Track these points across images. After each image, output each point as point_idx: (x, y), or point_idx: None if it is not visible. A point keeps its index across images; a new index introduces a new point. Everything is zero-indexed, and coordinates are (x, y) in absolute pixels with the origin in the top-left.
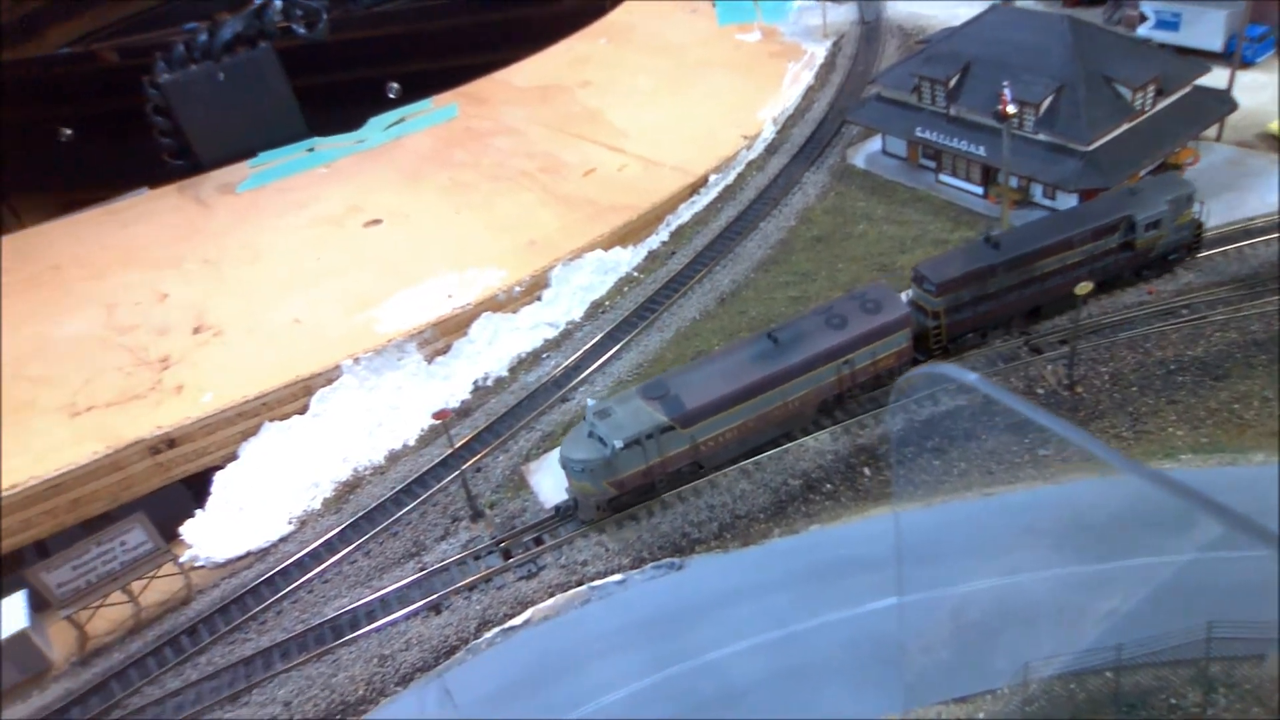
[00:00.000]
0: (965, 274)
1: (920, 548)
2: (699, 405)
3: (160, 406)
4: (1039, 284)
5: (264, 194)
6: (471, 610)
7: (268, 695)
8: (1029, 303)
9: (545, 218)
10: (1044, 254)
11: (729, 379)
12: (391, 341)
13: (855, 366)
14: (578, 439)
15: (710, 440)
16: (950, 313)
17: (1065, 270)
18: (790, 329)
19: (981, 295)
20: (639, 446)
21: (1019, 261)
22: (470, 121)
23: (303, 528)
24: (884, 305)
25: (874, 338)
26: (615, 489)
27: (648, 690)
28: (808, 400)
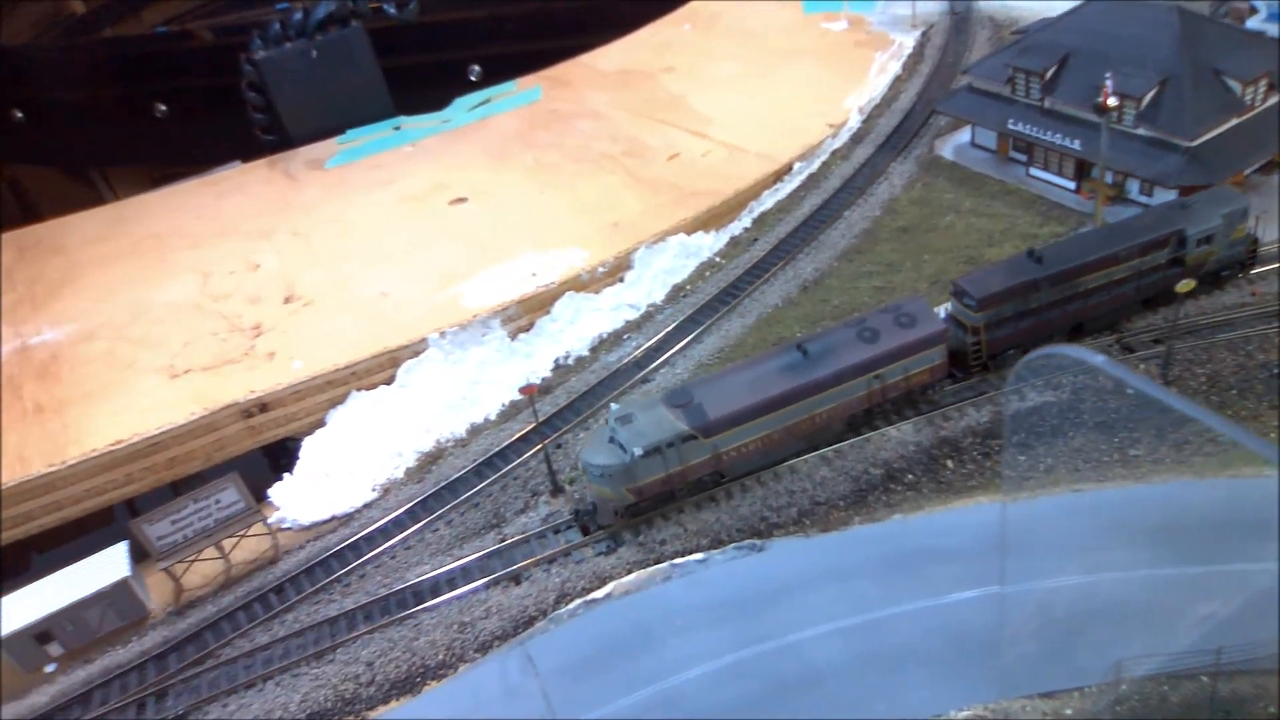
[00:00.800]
0: (1007, 289)
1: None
2: (722, 415)
3: (253, 372)
4: (1083, 300)
5: (352, 170)
6: (550, 582)
7: (351, 655)
8: (1072, 319)
9: (628, 200)
10: (1089, 269)
11: (755, 390)
12: (477, 317)
13: (886, 381)
14: (598, 443)
15: (733, 451)
16: (991, 329)
17: (1111, 286)
18: (820, 341)
19: (1023, 311)
20: (659, 455)
21: (1063, 277)
22: (554, 104)
23: (386, 495)
24: (919, 320)
25: (907, 353)
26: (634, 495)
27: (728, 668)
28: (835, 414)
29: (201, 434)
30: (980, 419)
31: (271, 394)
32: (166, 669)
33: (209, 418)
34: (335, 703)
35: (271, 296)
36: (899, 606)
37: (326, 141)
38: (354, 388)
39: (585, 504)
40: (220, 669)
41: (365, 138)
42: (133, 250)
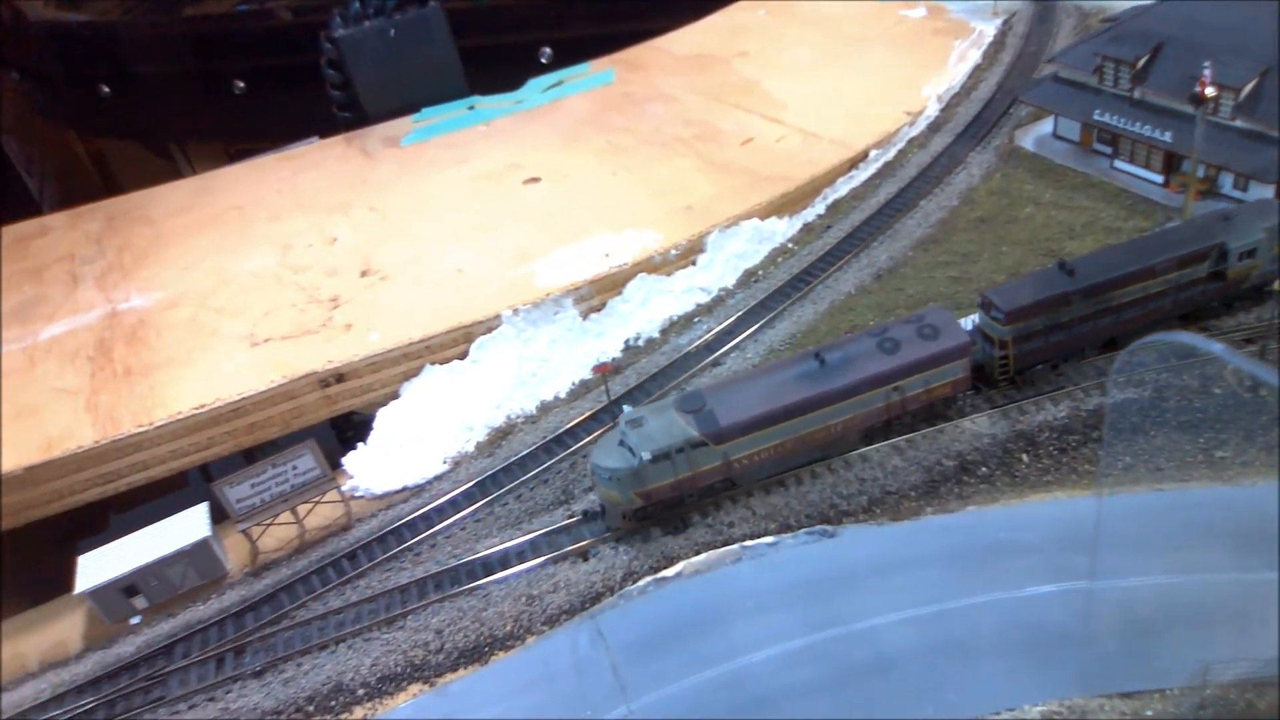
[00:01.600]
0: (1036, 302)
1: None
2: (734, 423)
3: (330, 343)
4: (1116, 314)
5: (427, 148)
6: (618, 560)
7: (421, 622)
8: (1105, 333)
9: (701, 184)
10: (1124, 282)
11: (769, 398)
12: (549, 296)
13: (906, 394)
14: (608, 446)
15: (744, 459)
16: (1019, 342)
17: (1146, 300)
18: (839, 350)
19: (1053, 325)
20: (668, 460)
21: (1096, 290)
22: (627, 87)
23: (456, 468)
24: (942, 332)
25: (928, 365)
26: (642, 500)
27: (799, 651)
28: (852, 425)
29: (280, 401)
30: (1057, 414)
31: (348, 365)
32: (244, 627)
33: (287, 386)
34: (405, 668)
35: (348, 270)
36: (972, 598)
37: (402, 119)
38: (428, 361)
39: (593, 507)
40: (295, 629)
41: (440, 116)
42: (215, 221)
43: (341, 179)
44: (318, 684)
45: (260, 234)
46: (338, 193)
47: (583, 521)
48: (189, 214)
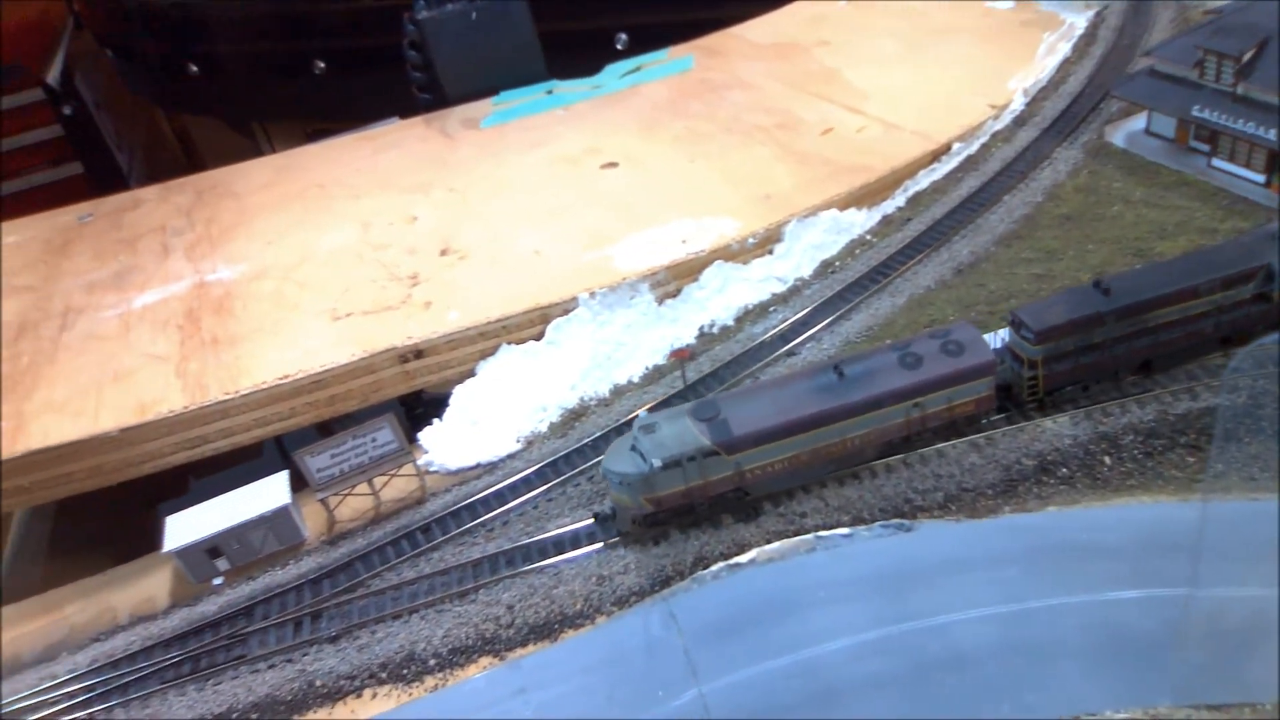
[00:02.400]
0: (1068, 322)
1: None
2: (747, 433)
3: (410, 320)
4: (1153, 336)
5: (506, 131)
6: (689, 545)
7: (493, 597)
8: (1141, 355)
9: (780, 173)
10: (1162, 303)
11: (784, 409)
12: (626, 280)
13: (926, 410)
14: (620, 451)
15: (757, 469)
16: (1049, 363)
17: (1186, 322)
18: (859, 364)
19: (1086, 345)
20: (679, 468)
21: (1132, 311)
22: (706, 74)
23: (529, 447)
24: (967, 348)
25: (951, 382)
26: (652, 506)
27: (872, 643)
28: (869, 439)
29: (361, 375)
30: (1144, 417)
31: (427, 341)
32: (320, 593)
33: (368, 360)
34: (476, 640)
35: (428, 248)
36: (1052, 599)
37: (481, 101)
38: (504, 341)
39: (605, 510)
40: (369, 598)
41: (519, 100)
42: (299, 197)
43: (421, 159)
44: (391, 651)
45: (342, 211)
46: (418, 173)
47: (595, 523)
48: (273, 190)
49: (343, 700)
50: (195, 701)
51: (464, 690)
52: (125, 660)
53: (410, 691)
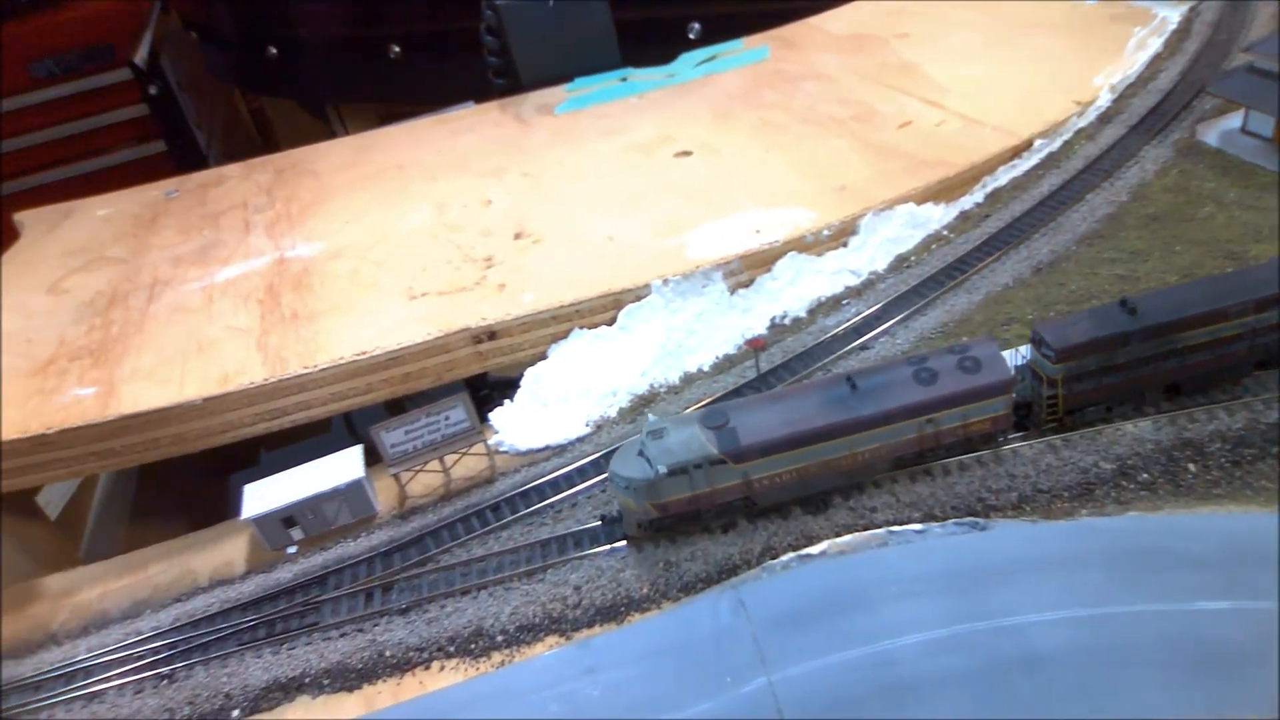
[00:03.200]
0: (1091, 340)
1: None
2: (755, 443)
3: (484, 301)
4: (1181, 357)
5: (580, 117)
6: (757, 535)
7: (560, 577)
8: (1168, 377)
9: (856, 165)
10: (1191, 324)
11: (794, 420)
12: (699, 268)
13: (940, 427)
14: (628, 455)
15: (765, 479)
16: (1069, 382)
17: (1217, 345)
18: (872, 377)
19: (1109, 365)
20: (685, 475)
21: (1159, 331)
22: (781, 64)
23: (598, 431)
24: (984, 366)
25: (966, 400)
26: (658, 511)
27: (945, 639)
28: (880, 454)
29: (435, 354)
30: (1232, 424)
31: (501, 323)
32: (391, 565)
33: (442, 339)
34: (543, 619)
35: (502, 231)
36: (1134, 605)
37: (555, 88)
38: (577, 325)
39: (613, 512)
40: (439, 573)
41: (594, 87)
42: (376, 178)
43: (496, 144)
44: (459, 626)
45: (418, 193)
46: (492, 157)
47: (602, 525)
48: (351, 170)
49: (411, 671)
50: (270, 664)
51: (533, 667)
52: (205, 621)
53: (477, 666)
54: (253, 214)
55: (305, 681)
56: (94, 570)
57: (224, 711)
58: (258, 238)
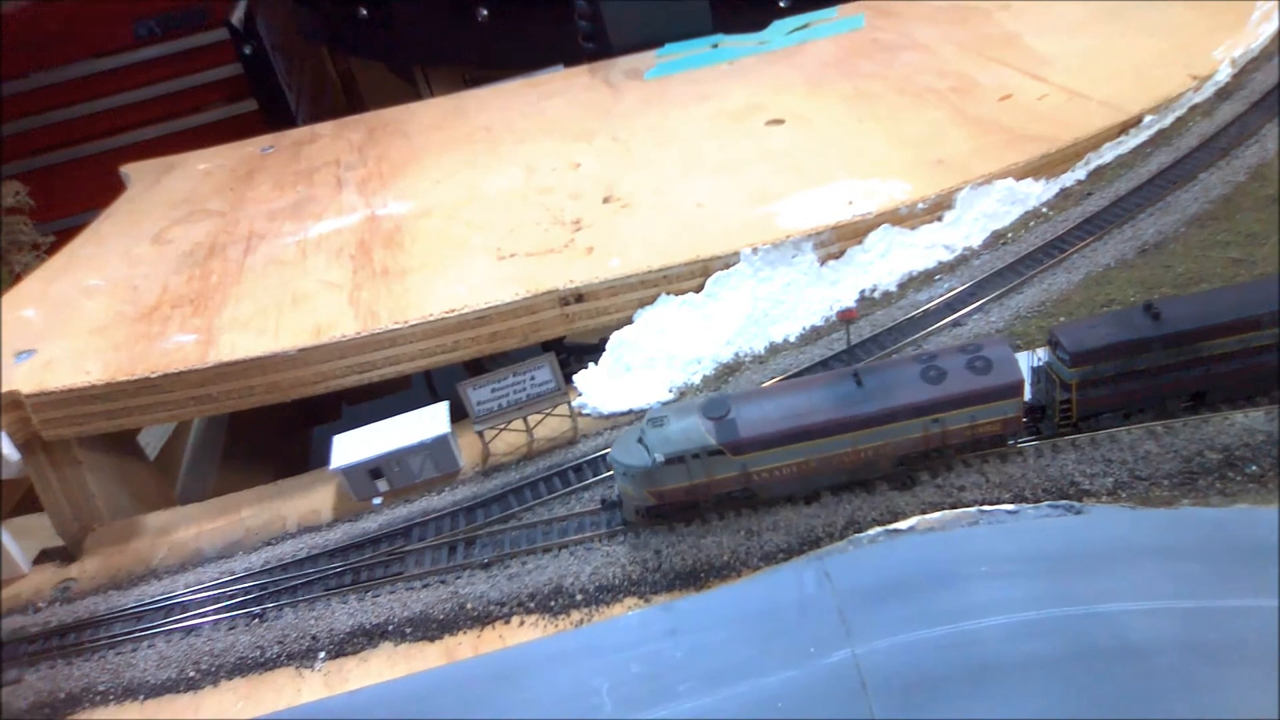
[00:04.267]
0: (1109, 345)
1: None
2: (754, 436)
3: (572, 264)
4: (1206, 366)
5: (670, 83)
6: (841, 509)
7: (641, 540)
8: (1191, 386)
9: (954, 138)
10: (1218, 333)
11: (795, 414)
12: (789, 238)
13: (947, 427)
14: (628, 441)
15: (764, 472)
16: (1084, 387)
17: (1245, 354)
18: (879, 374)
19: (1127, 371)
20: (682, 464)
21: (1183, 339)
22: (877, 34)
23: (681, 398)
24: (995, 367)
25: (974, 401)
26: (655, 499)
27: (1034, 623)
28: (884, 451)
29: (522, 315)
30: None
31: (588, 286)
32: (474, 521)
33: (530, 300)
34: (622, 581)
35: (591, 195)
36: (1238, 600)
37: (645, 54)
38: (664, 291)
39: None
40: (521, 530)
41: (684, 53)
42: (466, 140)
43: (585, 108)
44: (540, 583)
45: (507, 155)
46: (582, 121)
47: (602, 509)
48: (441, 131)
49: (491, 625)
50: (355, 610)
51: (615, 626)
52: (294, 565)
53: (557, 623)
54: (345, 171)
55: (389, 629)
56: (190, 511)
57: (311, 653)
58: (350, 195)
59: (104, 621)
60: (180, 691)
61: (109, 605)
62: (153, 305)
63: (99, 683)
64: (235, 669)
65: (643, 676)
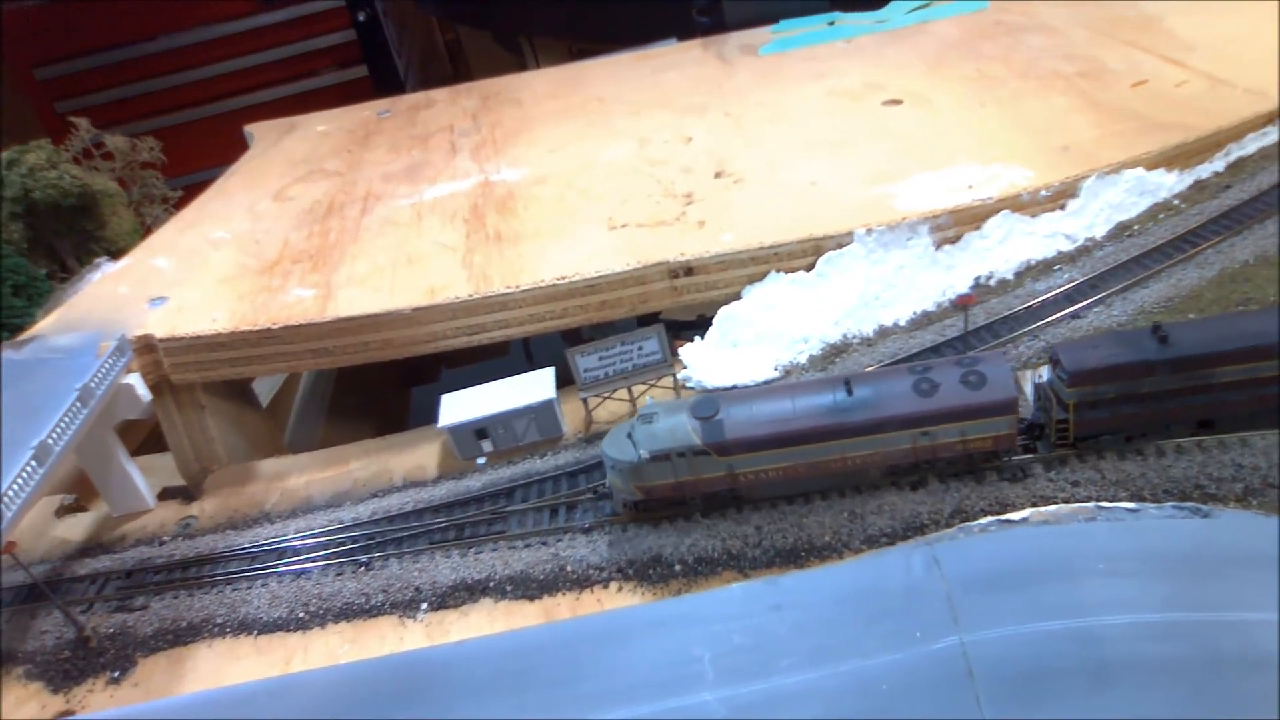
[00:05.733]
0: (1110, 366)
1: None
2: (740, 438)
3: (683, 237)
4: (1213, 394)
5: (784, 60)
6: (949, 497)
7: (742, 516)
8: (1197, 413)
9: (1080, 125)
10: (1225, 360)
11: (784, 419)
12: (905, 220)
13: (937, 440)
14: (618, 436)
15: (750, 474)
16: (1083, 409)
17: (1254, 384)
18: (870, 383)
19: (1129, 394)
20: (667, 461)
21: (1189, 364)
22: (1001, 15)
23: (786, 376)
24: (990, 382)
25: (965, 416)
26: (642, 493)
27: (1157, 625)
28: (872, 461)
29: (631, 285)
30: None
31: (698, 260)
32: (576, 485)
33: (640, 271)
34: (721, 554)
35: (703, 169)
36: None
37: (759, 29)
38: (774, 268)
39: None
40: None
41: (800, 30)
42: (579, 109)
43: (698, 82)
44: (639, 551)
45: (620, 127)
46: (694, 95)
47: (594, 499)
48: (554, 101)
49: (590, 589)
50: (458, 565)
51: (718, 597)
52: (399, 518)
53: (654, 592)
54: (459, 137)
55: (489, 585)
56: (301, 460)
57: (414, 603)
58: (463, 160)
59: (222, 559)
60: (290, 630)
61: (226, 544)
62: (274, 259)
63: (217, 615)
64: (341, 613)
65: (745, 648)
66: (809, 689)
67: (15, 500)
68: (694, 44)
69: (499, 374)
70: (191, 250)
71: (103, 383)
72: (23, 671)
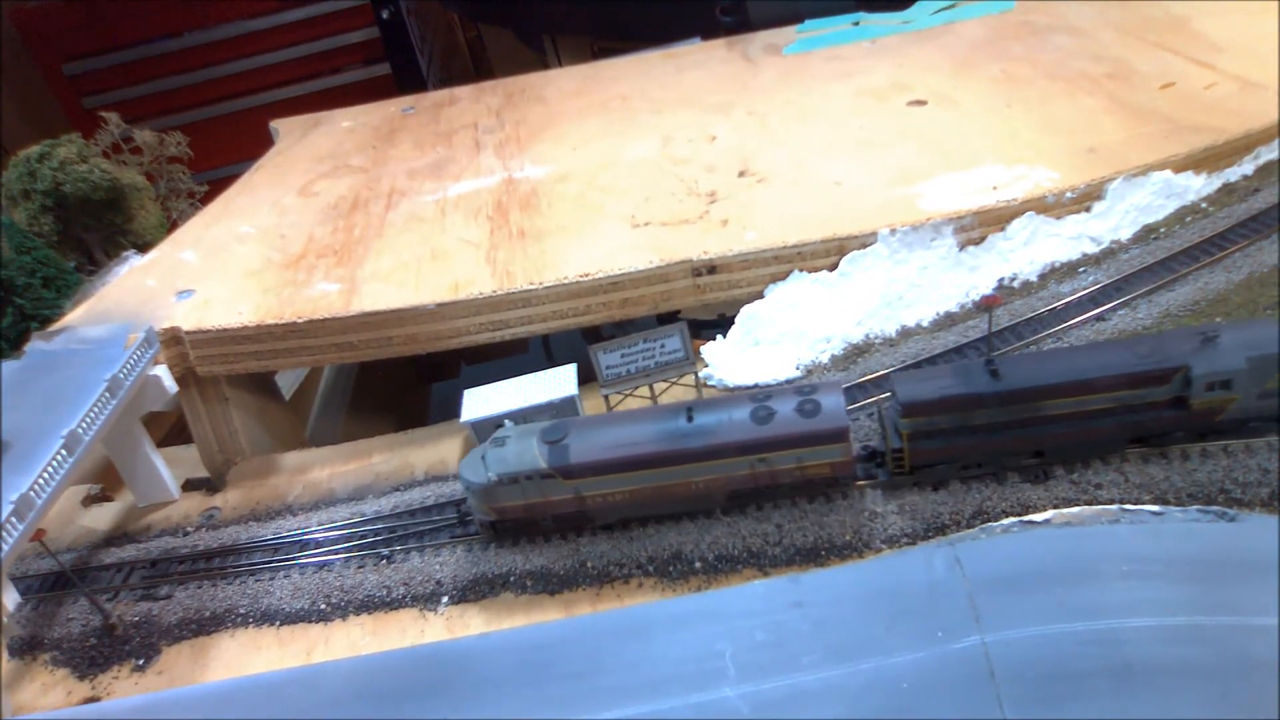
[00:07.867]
0: (940, 399)
1: None
2: (585, 461)
3: (707, 235)
4: (1044, 426)
5: (809, 59)
6: (970, 497)
7: (763, 514)
8: (1030, 444)
9: (1108, 127)
10: (1053, 394)
11: (627, 444)
12: (930, 221)
13: (774, 466)
14: (474, 458)
15: (598, 497)
16: (916, 438)
17: (1084, 417)
18: (710, 411)
19: (962, 426)
20: (517, 484)
21: (1018, 397)
22: (1028, 15)
23: (809, 375)
24: (823, 411)
25: (799, 443)
26: (495, 514)
27: (1182, 628)
28: (714, 485)
29: (655, 283)
30: None
31: (721, 258)
32: None
33: (663, 269)
34: (742, 552)
35: (727, 168)
36: None
37: (784, 29)
38: (797, 267)
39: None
40: None
41: (825, 29)
42: (603, 107)
43: (722, 80)
44: (659, 547)
45: (644, 124)
46: (719, 93)
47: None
48: (578, 98)
49: (610, 584)
50: (479, 559)
51: (741, 593)
52: (421, 511)
53: (674, 588)
54: (482, 134)
55: (510, 579)
56: (323, 453)
57: (435, 596)
58: (487, 157)
59: (245, 550)
60: (312, 621)
61: (249, 535)
62: (299, 254)
63: (239, 606)
64: (363, 605)
65: (767, 644)
66: (830, 686)
67: (45, 488)
68: (718, 43)
69: (519, 371)
70: (218, 244)
71: (131, 374)
72: (49, 658)
